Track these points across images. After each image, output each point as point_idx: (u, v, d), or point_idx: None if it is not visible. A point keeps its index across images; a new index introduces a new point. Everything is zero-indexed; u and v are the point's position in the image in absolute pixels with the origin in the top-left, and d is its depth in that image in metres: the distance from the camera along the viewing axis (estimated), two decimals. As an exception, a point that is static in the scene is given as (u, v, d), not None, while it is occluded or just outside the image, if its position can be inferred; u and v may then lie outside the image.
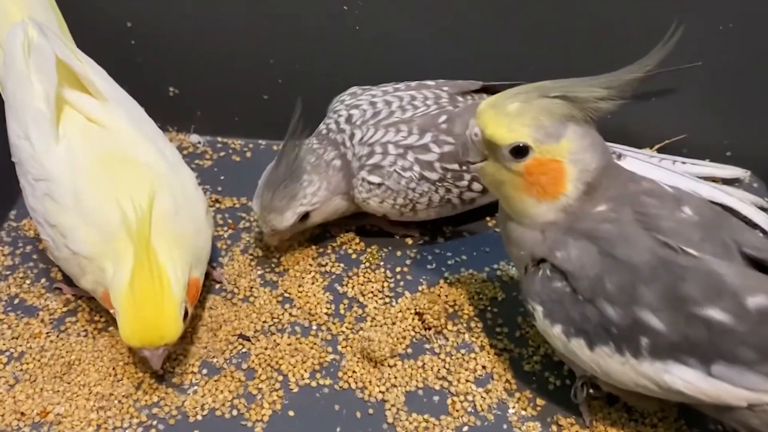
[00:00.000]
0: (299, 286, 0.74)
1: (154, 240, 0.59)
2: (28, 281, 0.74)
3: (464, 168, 0.71)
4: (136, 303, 0.58)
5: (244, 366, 0.67)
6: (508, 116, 0.53)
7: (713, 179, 0.82)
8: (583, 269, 0.55)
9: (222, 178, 0.85)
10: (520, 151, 0.53)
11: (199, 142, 0.89)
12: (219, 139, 0.90)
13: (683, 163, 0.81)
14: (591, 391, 0.63)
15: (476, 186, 0.72)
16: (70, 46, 0.69)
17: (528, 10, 0.78)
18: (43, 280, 0.74)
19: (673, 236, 0.54)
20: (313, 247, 0.77)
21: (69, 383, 0.65)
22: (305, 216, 0.71)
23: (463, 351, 0.68)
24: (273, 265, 0.75)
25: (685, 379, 0.53)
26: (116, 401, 0.64)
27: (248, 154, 0.88)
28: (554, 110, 0.53)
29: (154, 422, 0.63)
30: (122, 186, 0.62)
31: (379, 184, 0.71)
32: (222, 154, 0.88)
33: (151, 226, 0.58)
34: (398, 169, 0.70)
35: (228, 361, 0.67)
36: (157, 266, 0.58)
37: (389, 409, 0.64)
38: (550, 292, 0.57)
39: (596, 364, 0.56)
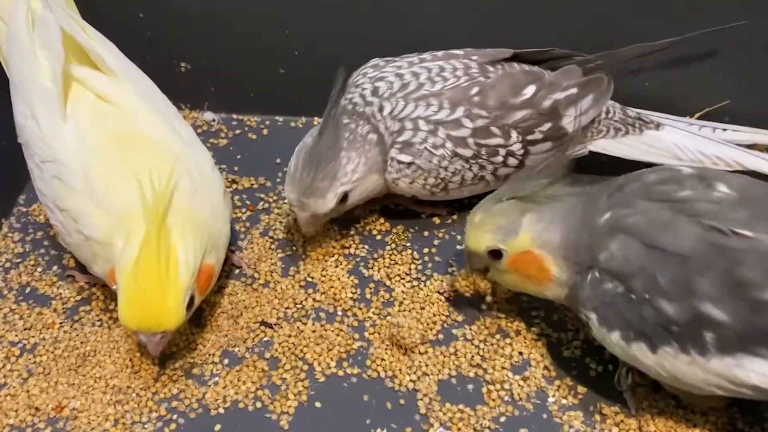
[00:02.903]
0: (322, 269, 0.70)
1: (169, 220, 0.56)
2: (39, 269, 0.71)
3: (498, 144, 0.67)
4: (138, 283, 0.55)
5: (267, 355, 0.64)
6: (475, 227, 0.59)
7: (757, 146, 0.77)
8: (629, 262, 0.52)
9: (238, 157, 0.82)
10: (494, 253, 0.58)
11: (214, 120, 0.86)
12: (234, 116, 0.86)
13: (724, 130, 0.76)
14: (636, 377, 0.59)
15: (511, 161, 0.69)
16: (75, 18, 0.66)
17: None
18: (55, 268, 0.71)
19: (718, 218, 0.50)
20: (336, 228, 0.74)
21: (84, 376, 0.63)
22: (344, 198, 0.66)
23: (497, 336, 0.65)
24: (294, 248, 0.72)
25: (759, 372, 0.49)
26: (134, 394, 0.61)
27: (265, 132, 0.85)
28: (509, 210, 0.58)
29: (174, 416, 0.60)
30: (135, 166, 0.58)
31: (410, 164, 0.67)
32: (238, 131, 0.84)
33: (168, 204, 0.55)
34: (429, 146, 0.66)
35: (250, 350, 0.64)
36: (167, 247, 0.55)
37: (421, 399, 0.61)
38: (602, 296, 0.54)
39: (662, 368, 0.53)
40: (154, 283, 0.55)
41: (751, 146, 0.76)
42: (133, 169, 0.57)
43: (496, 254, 0.58)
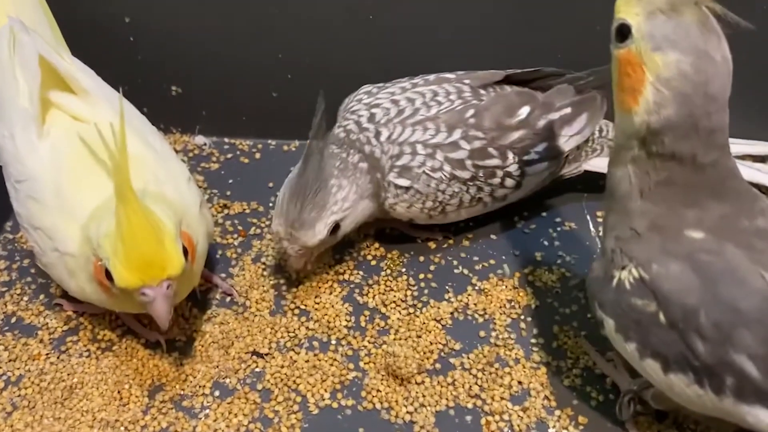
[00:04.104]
0: (316, 296, 0.69)
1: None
2: (25, 298, 0.69)
3: (495, 164, 0.67)
4: (128, 236, 0.52)
5: (259, 386, 0.62)
6: None
7: (745, 157, 0.78)
8: (679, 294, 0.49)
9: (230, 181, 0.80)
10: (622, 34, 0.47)
11: (205, 144, 0.84)
12: (226, 139, 0.85)
13: None
14: (638, 407, 0.58)
15: (509, 182, 0.68)
16: (57, 47, 0.66)
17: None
18: (42, 296, 0.69)
19: None
20: (330, 253, 0.72)
21: (71, 409, 0.61)
22: (335, 228, 0.64)
23: (496, 365, 0.63)
24: (287, 275, 0.70)
25: None
26: (122, 428, 0.60)
27: (257, 156, 0.83)
28: (684, 15, 0.46)
29: (164, 451, 0.59)
30: (107, 176, 0.57)
31: (407, 188, 0.66)
32: (229, 155, 0.83)
33: (126, 151, 0.53)
34: (427, 170, 0.65)
35: (241, 382, 0.63)
36: (141, 202, 0.53)
37: (418, 432, 0.59)
38: (629, 309, 0.51)
39: (668, 388, 0.51)
40: (144, 229, 0.53)
41: (742, 157, 0.77)
42: (102, 182, 0.56)
43: (621, 35, 0.48)
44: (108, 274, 0.54)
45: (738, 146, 0.78)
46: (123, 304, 0.59)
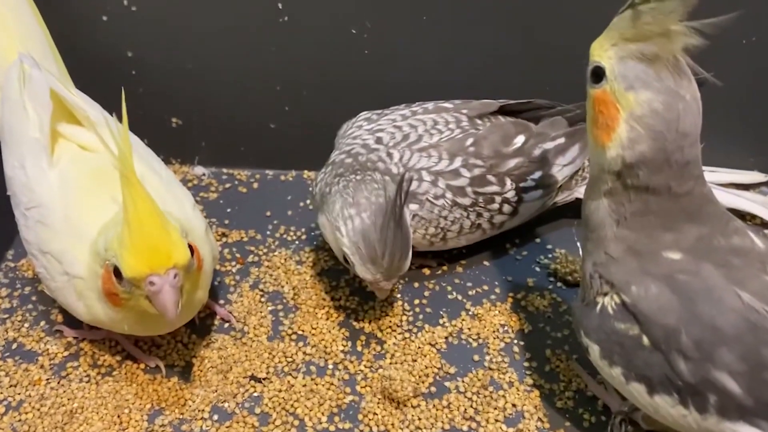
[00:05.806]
0: (313, 322, 0.70)
1: None
2: (26, 324, 0.70)
3: (494, 191, 0.69)
4: (135, 223, 0.53)
5: (257, 410, 0.63)
6: (609, 29, 0.49)
7: (733, 185, 0.80)
8: (660, 314, 0.50)
9: (228, 210, 0.82)
10: (597, 75, 0.49)
11: (204, 174, 0.86)
12: (224, 170, 0.87)
13: None
14: (629, 427, 0.59)
15: (506, 208, 0.70)
16: (62, 81, 0.68)
17: (542, 29, 0.76)
18: (42, 323, 0.70)
19: (760, 299, 0.49)
20: (325, 280, 0.74)
21: (71, 433, 0.61)
22: None
23: (490, 388, 0.64)
24: (284, 301, 0.72)
25: None
26: (122, 452, 0.60)
27: (255, 185, 0.85)
28: (652, 55, 0.47)
29: (163, 474, 0.59)
30: (113, 200, 0.58)
31: (413, 215, 0.67)
32: (228, 185, 0.85)
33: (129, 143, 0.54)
34: (431, 197, 0.67)
35: (240, 405, 0.63)
36: (147, 192, 0.54)
37: (414, 454, 0.60)
38: (611, 333, 0.52)
39: (655, 411, 0.52)
40: (149, 214, 0.53)
41: (726, 185, 0.79)
42: (109, 204, 0.58)
43: (596, 77, 0.50)
44: (117, 273, 0.55)
45: (723, 175, 0.80)
46: (130, 319, 0.60)
